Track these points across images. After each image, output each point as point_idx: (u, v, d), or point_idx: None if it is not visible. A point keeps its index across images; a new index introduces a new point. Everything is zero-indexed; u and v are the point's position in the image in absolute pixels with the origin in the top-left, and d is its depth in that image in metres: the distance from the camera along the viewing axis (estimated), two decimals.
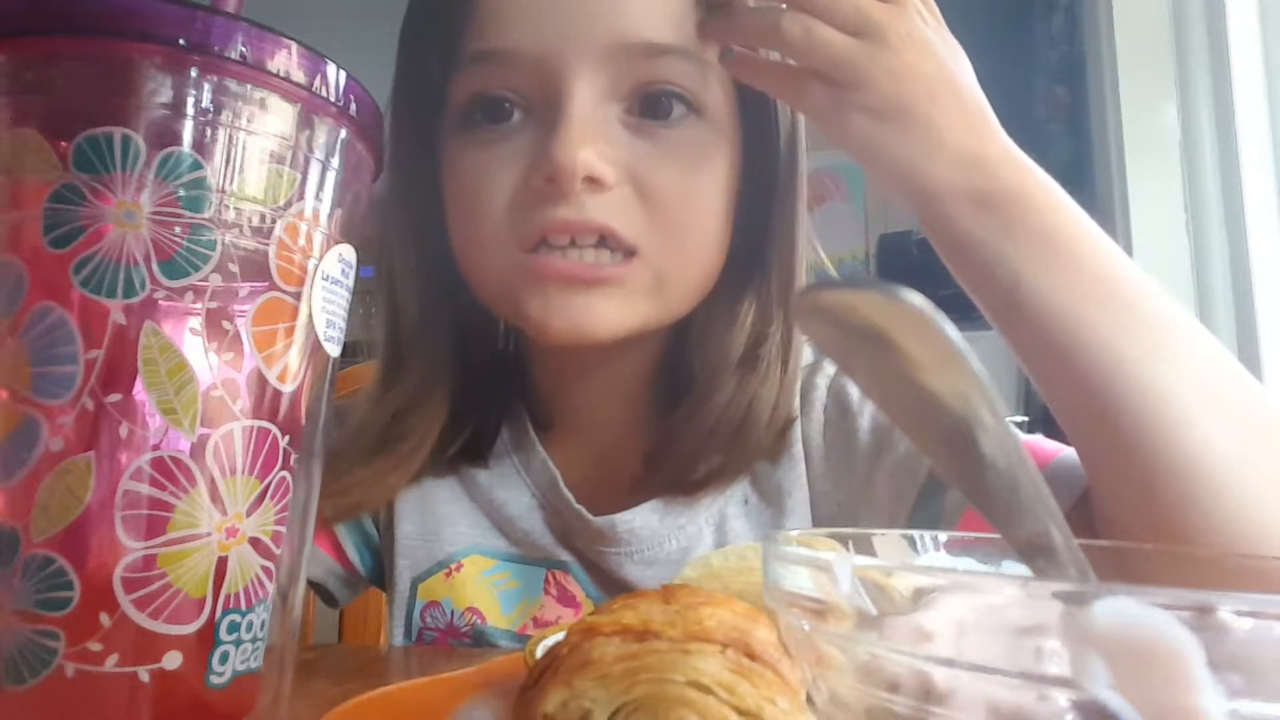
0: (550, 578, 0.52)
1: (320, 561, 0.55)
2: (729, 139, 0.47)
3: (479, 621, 0.52)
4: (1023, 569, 0.21)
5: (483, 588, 0.52)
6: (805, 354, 0.53)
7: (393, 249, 0.50)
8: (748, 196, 0.49)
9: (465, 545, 0.53)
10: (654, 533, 0.50)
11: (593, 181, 0.42)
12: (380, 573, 0.57)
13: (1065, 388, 0.38)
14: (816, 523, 0.51)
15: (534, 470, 0.53)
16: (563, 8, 0.43)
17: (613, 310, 0.44)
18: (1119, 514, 0.39)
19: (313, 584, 0.55)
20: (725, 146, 0.47)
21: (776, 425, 0.49)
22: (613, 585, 0.51)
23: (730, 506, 0.51)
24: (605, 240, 0.44)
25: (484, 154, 0.45)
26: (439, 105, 0.47)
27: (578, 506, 0.51)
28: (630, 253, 0.44)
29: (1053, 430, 0.42)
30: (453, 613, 0.52)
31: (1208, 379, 0.37)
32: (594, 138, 0.42)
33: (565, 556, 0.52)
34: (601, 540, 0.51)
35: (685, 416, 0.48)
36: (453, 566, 0.53)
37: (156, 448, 0.23)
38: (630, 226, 0.44)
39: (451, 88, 0.46)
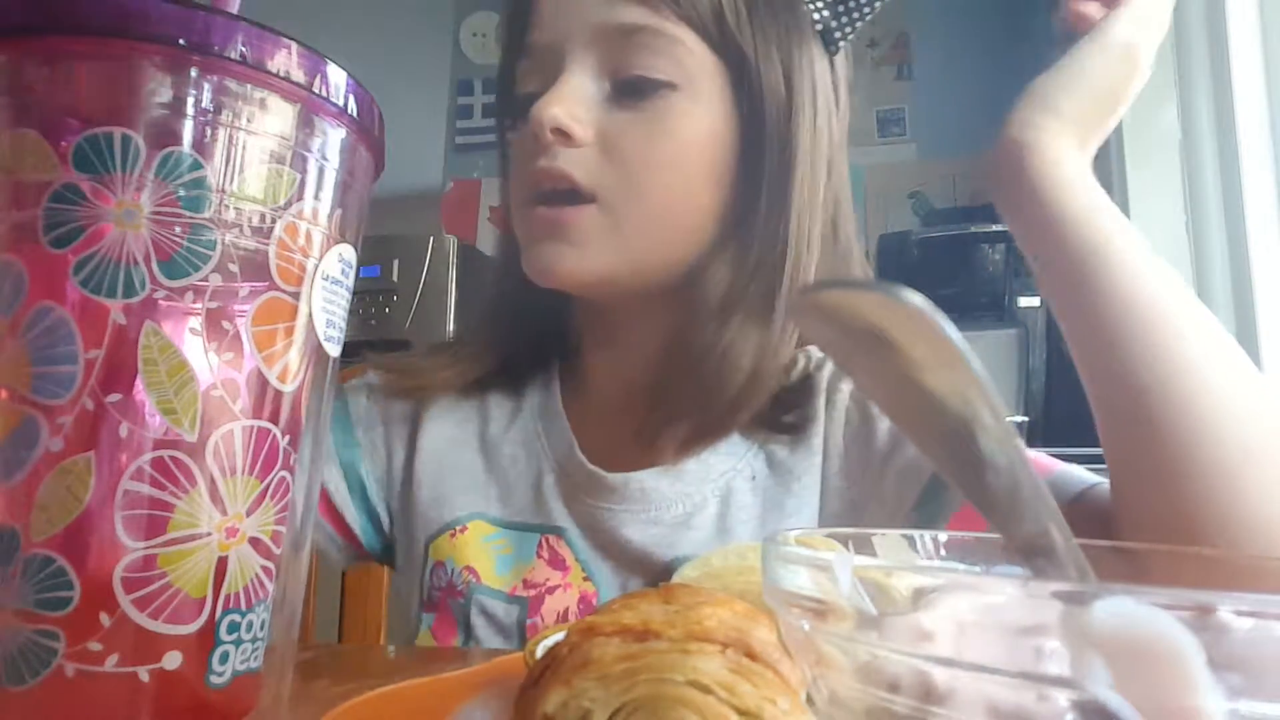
0: (544, 542, 0.56)
1: (319, 528, 0.58)
2: (714, 110, 0.52)
3: (474, 580, 0.55)
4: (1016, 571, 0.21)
5: (482, 550, 0.56)
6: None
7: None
8: (742, 165, 0.53)
9: (472, 511, 0.57)
10: (663, 495, 0.54)
11: (561, 134, 0.49)
12: (388, 551, 0.61)
13: (1126, 356, 0.41)
14: (825, 514, 0.54)
15: (554, 437, 0.58)
16: (573, 4, 0.52)
17: (574, 256, 0.51)
18: (1140, 502, 0.41)
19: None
20: (706, 117, 0.52)
21: (760, 384, 0.52)
22: (608, 546, 0.55)
23: (738, 480, 0.55)
24: (575, 193, 0.50)
25: (524, 130, 0.53)
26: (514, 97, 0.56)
27: (591, 468, 0.55)
28: (590, 200, 0.51)
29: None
30: (453, 571, 0.56)
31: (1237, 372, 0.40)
32: (571, 102, 0.50)
33: (563, 521, 0.56)
34: (612, 497, 0.54)
35: (670, 366, 0.54)
36: (458, 529, 0.57)
37: (156, 448, 0.23)
38: (590, 177, 0.50)
39: (517, 80, 0.55)
